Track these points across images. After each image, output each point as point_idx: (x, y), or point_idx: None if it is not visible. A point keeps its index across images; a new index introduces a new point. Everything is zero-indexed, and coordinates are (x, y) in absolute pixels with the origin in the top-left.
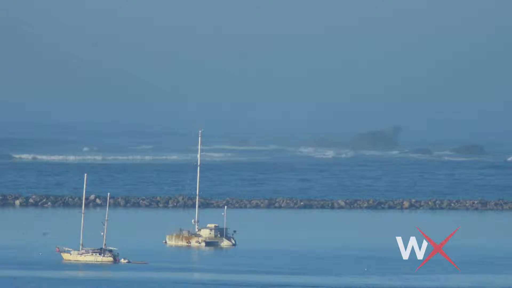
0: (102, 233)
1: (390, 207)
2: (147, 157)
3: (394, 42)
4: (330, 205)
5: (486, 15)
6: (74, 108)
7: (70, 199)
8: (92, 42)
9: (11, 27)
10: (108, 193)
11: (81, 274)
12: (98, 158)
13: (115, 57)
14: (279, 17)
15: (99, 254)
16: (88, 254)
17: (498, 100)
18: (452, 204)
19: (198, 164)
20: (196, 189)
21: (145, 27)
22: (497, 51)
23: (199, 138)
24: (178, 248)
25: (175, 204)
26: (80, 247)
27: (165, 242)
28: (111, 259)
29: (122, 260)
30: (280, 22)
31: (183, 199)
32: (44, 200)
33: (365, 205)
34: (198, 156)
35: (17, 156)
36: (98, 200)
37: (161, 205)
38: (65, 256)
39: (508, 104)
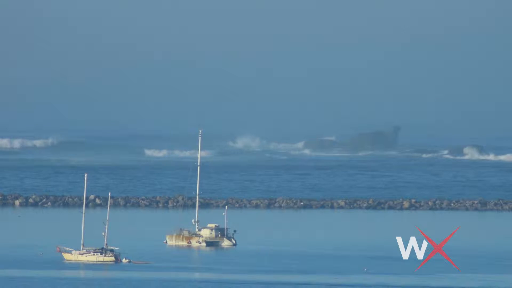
0: (103, 233)
1: (390, 207)
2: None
3: (394, 42)
4: (330, 205)
5: (493, 15)
6: (74, 108)
7: (70, 199)
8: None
9: (7, 27)
10: (109, 193)
11: (82, 274)
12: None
13: (112, 57)
14: (279, 17)
15: (101, 254)
16: (90, 254)
17: (498, 100)
18: (452, 204)
19: (198, 164)
20: (196, 189)
21: (143, 26)
22: (504, 52)
23: (199, 138)
24: (178, 248)
25: (175, 204)
26: (81, 246)
27: (166, 242)
28: (113, 258)
29: (123, 260)
30: (280, 22)
31: (183, 199)
32: (44, 200)
33: (365, 205)
34: (199, 156)
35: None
36: (98, 200)
37: (161, 205)
38: (66, 256)
39: (508, 104)
